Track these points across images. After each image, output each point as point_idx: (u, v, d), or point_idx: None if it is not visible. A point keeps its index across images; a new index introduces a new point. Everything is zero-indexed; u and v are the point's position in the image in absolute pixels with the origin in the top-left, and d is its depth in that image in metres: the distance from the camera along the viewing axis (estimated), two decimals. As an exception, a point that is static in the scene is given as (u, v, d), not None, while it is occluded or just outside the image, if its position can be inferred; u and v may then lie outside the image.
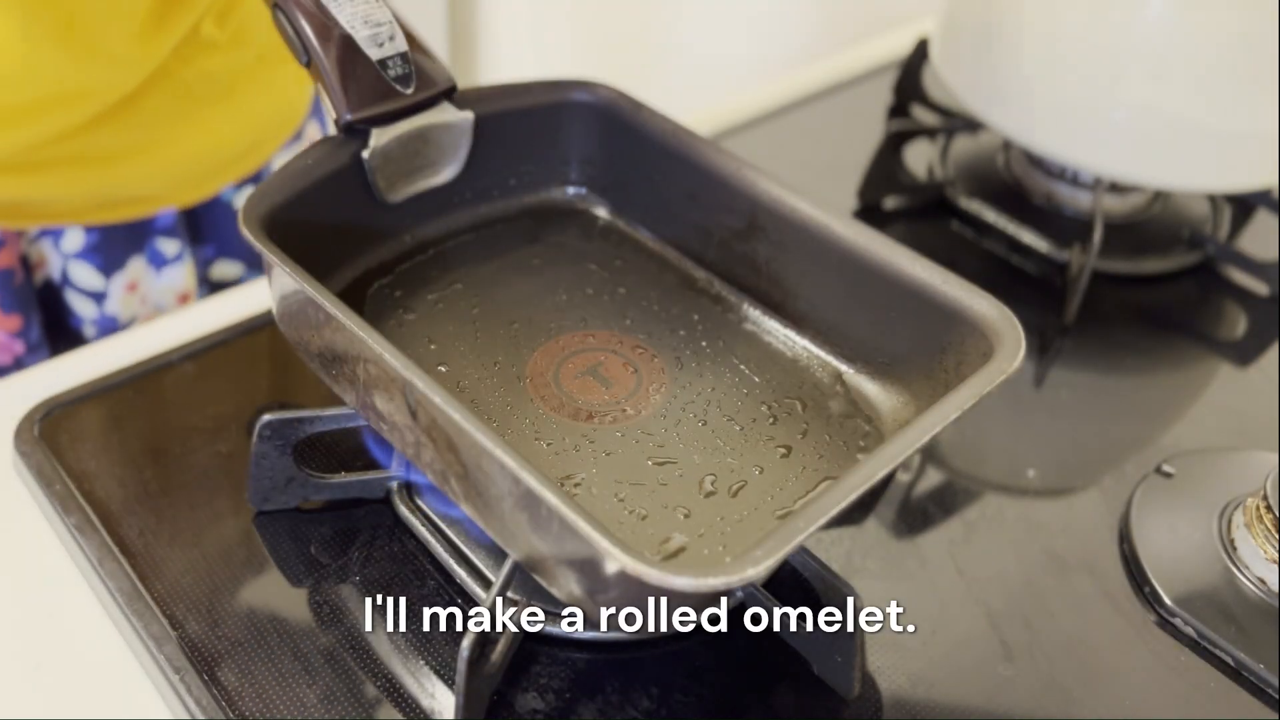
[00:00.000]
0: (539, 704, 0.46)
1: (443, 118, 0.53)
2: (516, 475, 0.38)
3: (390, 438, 0.46)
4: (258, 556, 0.50)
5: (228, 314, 0.62)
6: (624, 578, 0.36)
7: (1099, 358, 0.68)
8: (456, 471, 0.42)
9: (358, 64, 0.50)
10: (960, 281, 0.48)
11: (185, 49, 0.68)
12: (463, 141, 0.55)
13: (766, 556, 0.36)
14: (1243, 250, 0.74)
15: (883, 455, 0.40)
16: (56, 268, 0.72)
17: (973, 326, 0.46)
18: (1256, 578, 0.52)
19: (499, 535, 0.43)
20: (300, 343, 0.49)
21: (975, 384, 0.43)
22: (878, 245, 0.50)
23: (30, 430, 0.54)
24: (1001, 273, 0.73)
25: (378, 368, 0.43)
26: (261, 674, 0.46)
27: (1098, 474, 0.59)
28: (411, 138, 0.52)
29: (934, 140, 0.83)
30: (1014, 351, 0.44)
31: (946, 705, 0.47)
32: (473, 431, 0.39)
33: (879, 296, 0.50)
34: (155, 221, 0.73)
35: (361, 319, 0.43)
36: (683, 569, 0.35)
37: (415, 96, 0.52)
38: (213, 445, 0.55)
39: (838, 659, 0.46)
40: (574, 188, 0.61)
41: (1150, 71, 0.67)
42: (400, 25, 0.51)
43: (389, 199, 0.54)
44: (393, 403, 0.43)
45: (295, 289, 0.45)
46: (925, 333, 0.49)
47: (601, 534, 0.36)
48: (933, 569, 0.53)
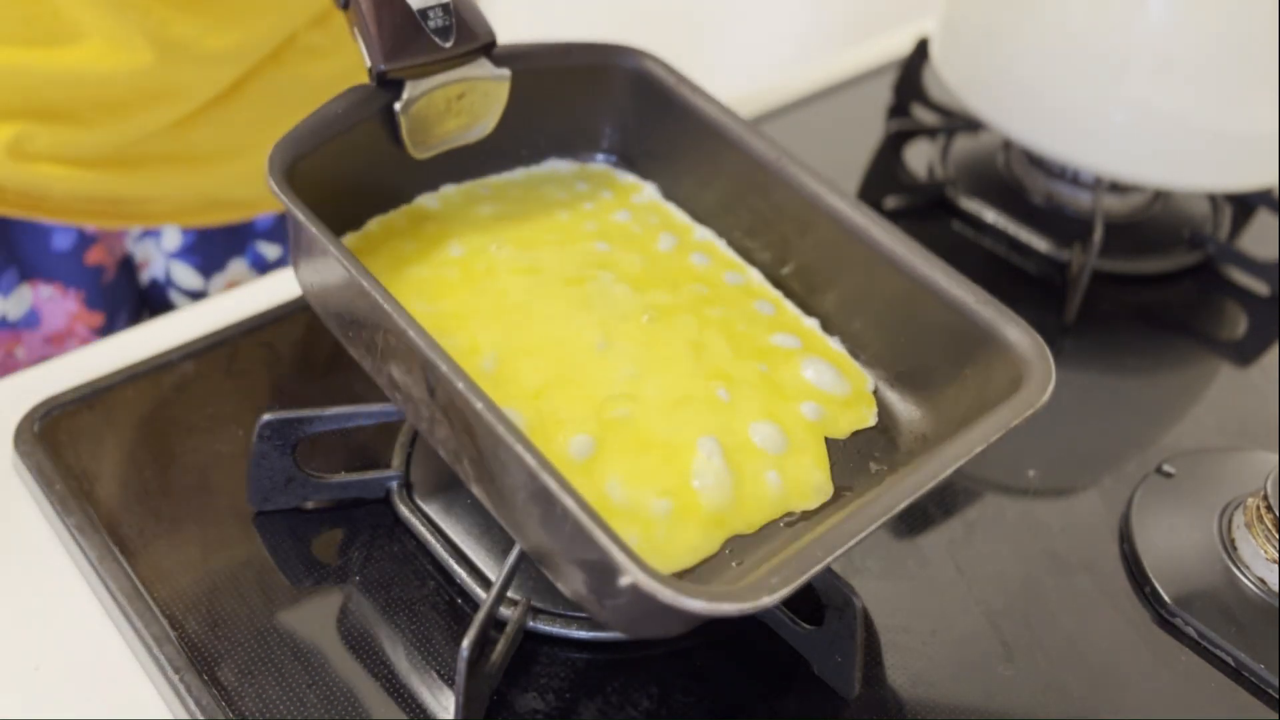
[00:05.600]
0: (539, 704, 0.46)
1: (480, 73, 0.51)
2: (534, 471, 0.37)
3: (404, 408, 0.45)
4: (257, 557, 0.50)
5: (228, 314, 0.62)
6: (634, 589, 0.36)
7: (1099, 358, 0.68)
8: (470, 454, 0.41)
9: (397, 12, 0.48)
10: (996, 303, 0.46)
11: (284, 53, 0.68)
12: (498, 99, 0.53)
13: (782, 585, 0.35)
14: (1243, 250, 0.74)
15: (905, 485, 0.39)
16: (160, 267, 0.73)
17: (1002, 350, 0.45)
18: (1257, 578, 0.52)
19: (508, 522, 0.42)
20: (319, 299, 0.48)
21: (1003, 415, 0.42)
22: (916, 256, 0.49)
23: (30, 430, 0.54)
24: (1001, 273, 0.73)
25: (398, 340, 0.42)
26: (261, 674, 0.46)
27: (1098, 474, 0.59)
28: (446, 92, 0.50)
29: (934, 140, 0.83)
30: (1044, 384, 0.43)
31: (946, 705, 0.47)
32: (494, 422, 0.38)
33: (910, 306, 0.49)
34: (255, 225, 0.73)
35: (385, 289, 0.42)
36: (697, 591, 0.35)
37: (454, 50, 0.49)
38: (213, 445, 0.55)
39: (838, 659, 0.46)
40: (605, 155, 0.60)
41: (1151, 71, 0.67)
42: None
43: (417, 155, 0.52)
44: (410, 375, 0.42)
45: (319, 247, 0.44)
46: (953, 349, 0.48)
47: (617, 545, 0.35)
48: (933, 569, 0.53)
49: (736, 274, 0.55)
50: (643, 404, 0.47)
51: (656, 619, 0.39)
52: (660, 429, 0.46)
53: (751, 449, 0.46)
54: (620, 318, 0.51)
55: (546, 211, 0.56)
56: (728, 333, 0.51)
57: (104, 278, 0.70)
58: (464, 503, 0.52)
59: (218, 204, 0.70)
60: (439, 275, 0.51)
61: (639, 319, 0.51)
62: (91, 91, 0.63)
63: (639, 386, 0.48)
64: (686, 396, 0.48)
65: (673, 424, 0.46)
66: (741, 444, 0.46)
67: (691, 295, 0.53)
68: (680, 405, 0.47)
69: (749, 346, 0.51)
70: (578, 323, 0.50)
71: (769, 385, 0.49)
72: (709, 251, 0.56)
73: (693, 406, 0.47)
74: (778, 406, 0.48)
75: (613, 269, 0.53)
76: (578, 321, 0.50)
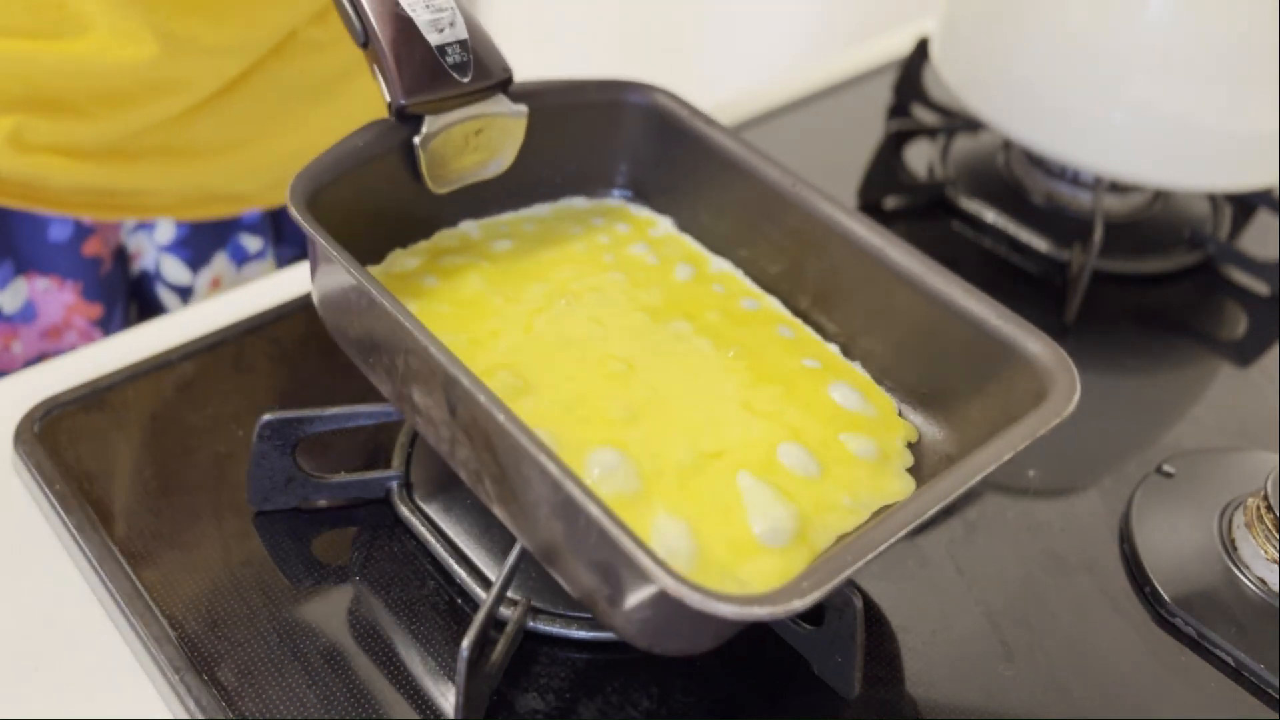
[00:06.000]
0: (539, 704, 0.46)
1: (497, 109, 0.52)
2: (558, 481, 0.37)
3: (425, 432, 0.45)
4: (257, 556, 0.50)
5: (228, 314, 0.62)
6: (660, 596, 0.35)
7: (1099, 357, 0.68)
8: (493, 473, 0.41)
9: (415, 48, 0.49)
10: (1015, 318, 0.46)
11: (285, 47, 0.68)
12: (515, 135, 0.54)
13: (814, 589, 0.35)
14: (1243, 250, 0.74)
15: (935, 491, 0.39)
16: (151, 260, 0.73)
17: (1025, 366, 0.45)
18: (1257, 578, 0.52)
19: (531, 542, 0.42)
20: (338, 327, 0.48)
21: (1030, 424, 0.42)
22: (933, 275, 0.48)
23: (30, 430, 0.54)
24: (1002, 272, 0.73)
25: (419, 360, 0.42)
26: (261, 674, 0.46)
27: (1098, 474, 0.59)
28: (464, 128, 0.51)
29: (934, 140, 0.83)
30: (1069, 393, 0.43)
31: (946, 705, 0.47)
32: (518, 434, 0.38)
33: (929, 327, 0.49)
34: (241, 218, 0.73)
35: (406, 309, 0.42)
36: (727, 597, 0.34)
37: (471, 85, 0.50)
38: (213, 445, 0.55)
39: (838, 659, 0.46)
40: (620, 190, 0.60)
41: (1151, 71, 0.67)
42: (461, 12, 0.50)
43: (435, 189, 0.52)
44: (431, 397, 0.42)
45: (340, 272, 0.44)
46: (974, 366, 0.47)
47: (646, 554, 0.35)
48: (933, 569, 0.53)
49: (754, 300, 0.55)
50: (670, 428, 0.47)
51: (686, 629, 0.39)
52: (695, 458, 0.46)
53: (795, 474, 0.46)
54: (643, 345, 0.51)
55: (563, 245, 0.56)
56: (752, 358, 0.51)
57: (101, 269, 0.70)
58: (464, 503, 0.52)
59: (214, 198, 0.70)
60: (458, 309, 0.52)
61: (661, 346, 0.51)
62: (95, 83, 0.63)
63: (663, 409, 0.48)
64: (720, 422, 0.47)
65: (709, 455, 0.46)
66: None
67: (710, 321, 0.53)
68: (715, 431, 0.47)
69: (775, 370, 0.51)
70: (598, 352, 0.50)
71: (805, 407, 0.49)
72: (726, 282, 0.56)
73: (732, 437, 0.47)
74: (813, 429, 0.48)
75: (632, 299, 0.53)
76: (598, 350, 0.50)
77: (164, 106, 0.65)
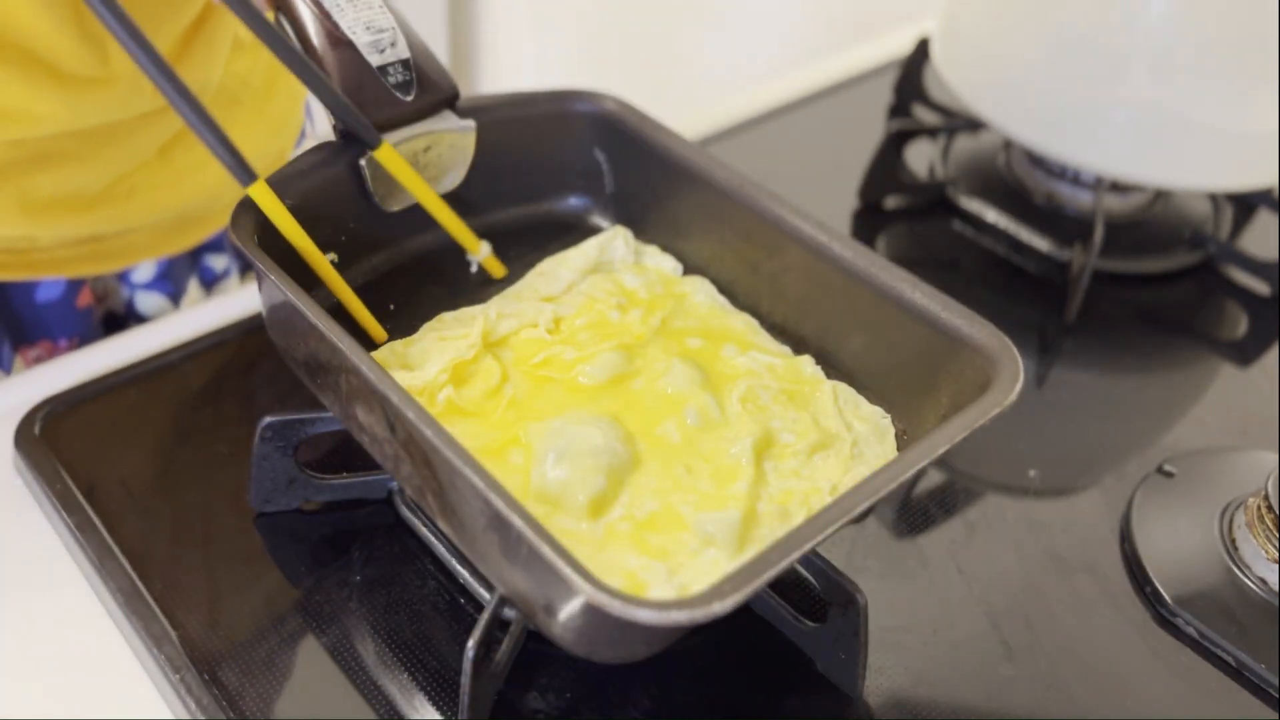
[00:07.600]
0: (539, 704, 0.46)
1: (444, 125, 0.52)
2: (486, 496, 0.37)
3: (371, 449, 0.45)
4: (258, 557, 0.50)
5: (227, 314, 0.62)
6: (587, 606, 0.36)
7: (1100, 357, 0.68)
8: (433, 488, 0.41)
9: (357, 68, 0.49)
10: (961, 309, 0.46)
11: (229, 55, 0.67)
12: (464, 150, 0.54)
13: (734, 591, 0.35)
14: (1243, 250, 0.74)
15: (865, 489, 0.39)
16: (122, 300, 0.71)
17: (972, 355, 0.45)
18: (1258, 578, 0.52)
19: (473, 555, 0.42)
20: (287, 350, 0.49)
21: (968, 416, 0.42)
22: (878, 269, 0.49)
23: (31, 430, 0.54)
24: (1002, 272, 0.73)
25: (358, 380, 0.42)
26: (261, 674, 0.46)
27: (1099, 474, 0.59)
28: (412, 145, 0.52)
29: (935, 140, 0.83)
30: (1010, 384, 0.43)
31: (947, 704, 0.47)
32: (444, 449, 0.38)
33: (878, 319, 0.49)
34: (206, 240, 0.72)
35: (344, 331, 0.42)
36: (645, 603, 0.35)
37: (416, 103, 0.51)
38: (213, 445, 0.55)
39: (842, 656, 0.46)
40: (577, 199, 0.60)
41: (1151, 71, 0.67)
42: (403, 32, 0.51)
43: (386, 207, 0.53)
44: (372, 415, 0.43)
45: (281, 298, 0.44)
46: (923, 358, 0.48)
47: (565, 560, 0.35)
48: (933, 569, 0.53)
49: (738, 316, 0.54)
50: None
51: (615, 637, 0.39)
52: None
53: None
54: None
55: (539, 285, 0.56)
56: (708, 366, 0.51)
57: (94, 317, 0.69)
58: (465, 503, 0.52)
59: (189, 222, 0.69)
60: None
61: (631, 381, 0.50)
62: (84, 123, 0.61)
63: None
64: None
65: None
66: None
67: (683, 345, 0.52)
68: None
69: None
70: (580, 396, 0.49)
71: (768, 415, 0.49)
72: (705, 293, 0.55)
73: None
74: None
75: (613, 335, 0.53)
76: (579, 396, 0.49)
77: (151, 136, 0.64)
